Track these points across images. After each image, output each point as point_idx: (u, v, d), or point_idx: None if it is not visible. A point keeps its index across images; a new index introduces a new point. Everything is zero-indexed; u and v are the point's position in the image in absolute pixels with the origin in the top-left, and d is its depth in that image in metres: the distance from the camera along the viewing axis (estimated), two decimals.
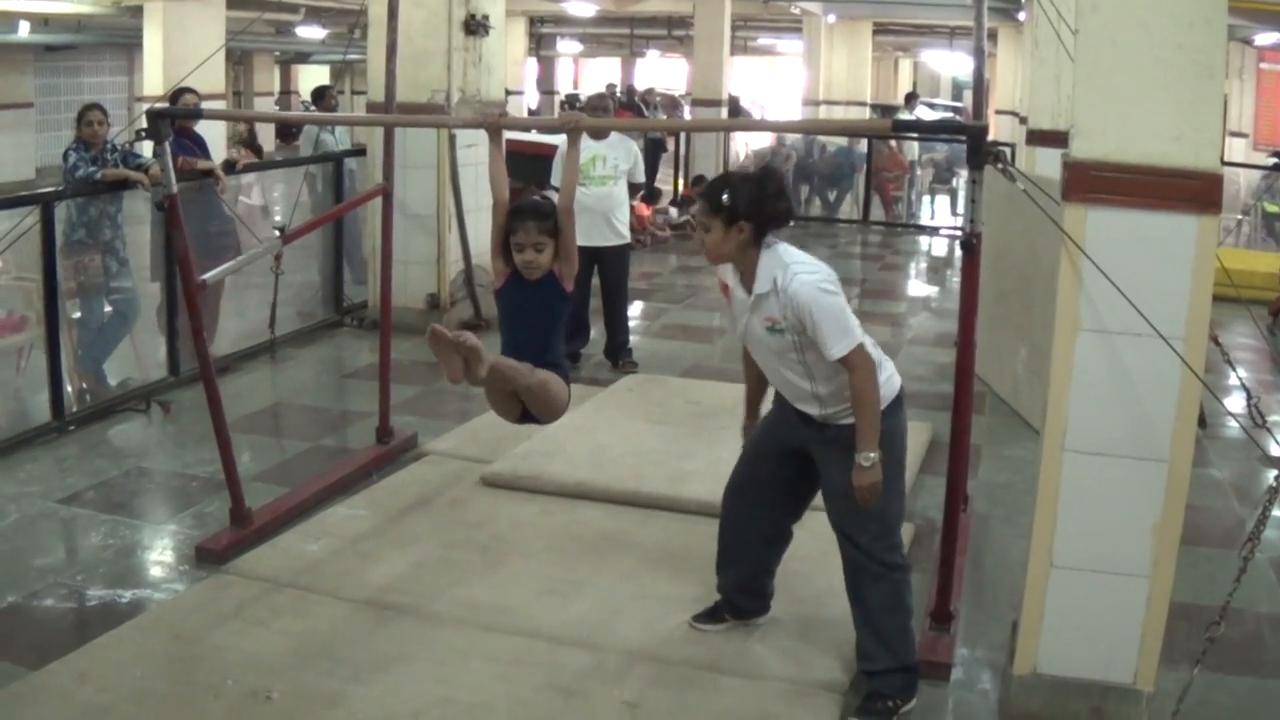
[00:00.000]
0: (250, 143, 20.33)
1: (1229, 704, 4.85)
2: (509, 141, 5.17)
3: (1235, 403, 8.58)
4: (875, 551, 4.70)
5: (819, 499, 4.92)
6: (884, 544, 4.71)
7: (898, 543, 4.80)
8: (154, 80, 15.44)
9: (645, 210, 16.52)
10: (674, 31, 28.81)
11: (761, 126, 26.82)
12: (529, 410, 4.74)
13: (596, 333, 9.99)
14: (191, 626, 5.11)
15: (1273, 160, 17.53)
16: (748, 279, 4.63)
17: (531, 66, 34.06)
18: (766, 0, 23.20)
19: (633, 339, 10.04)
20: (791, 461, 4.87)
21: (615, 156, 9.37)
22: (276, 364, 9.63)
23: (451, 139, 10.39)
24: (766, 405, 5.08)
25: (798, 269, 4.49)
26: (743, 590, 5.21)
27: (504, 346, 4.87)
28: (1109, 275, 4.15)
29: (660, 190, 17.92)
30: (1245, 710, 4.86)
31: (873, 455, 4.47)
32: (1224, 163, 4.48)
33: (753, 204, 4.51)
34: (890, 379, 4.65)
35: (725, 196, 4.53)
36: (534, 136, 13.58)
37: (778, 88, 39.62)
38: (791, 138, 19.98)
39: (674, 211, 17.71)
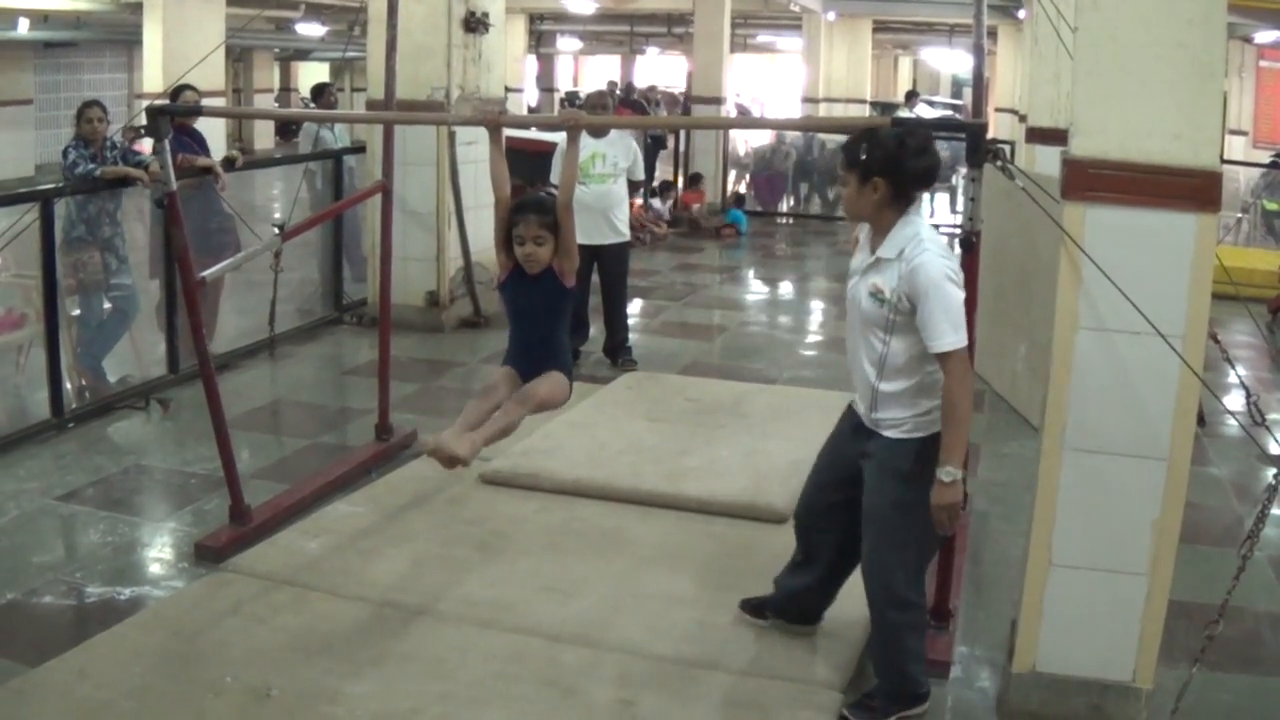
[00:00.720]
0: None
1: (1228, 702, 4.86)
2: (508, 139, 5.19)
3: (1234, 401, 8.58)
4: (893, 584, 4.56)
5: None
6: (904, 576, 4.56)
7: (918, 578, 4.64)
8: (154, 77, 15.45)
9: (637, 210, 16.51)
10: (674, 29, 28.78)
11: (761, 124, 26.71)
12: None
13: (596, 330, 9.99)
14: (191, 624, 5.10)
15: (1271, 159, 17.53)
16: (877, 240, 4.42)
17: (531, 64, 34.04)
18: None
19: (632, 337, 10.04)
20: (851, 485, 4.65)
21: (614, 154, 9.37)
22: (276, 361, 9.63)
23: (451, 136, 10.39)
24: None
25: (930, 246, 4.28)
26: (795, 598, 5.11)
27: (510, 342, 4.97)
28: (1108, 273, 4.15)
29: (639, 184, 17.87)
30: (1244, 708, 4.86)
31: (954, 471, 4.26)
32: (1223, 161, 4.48)
33: (889, 161, 4.29)
34: None
35: (862, 151, 4.34)
36: (534, 134, 13.57)
37: (777, 85, 39.59)
38: (791, 135, 19.97)
39: (657, 203, 17.64)
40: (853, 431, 4.68)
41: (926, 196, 5.07)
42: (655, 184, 18.40)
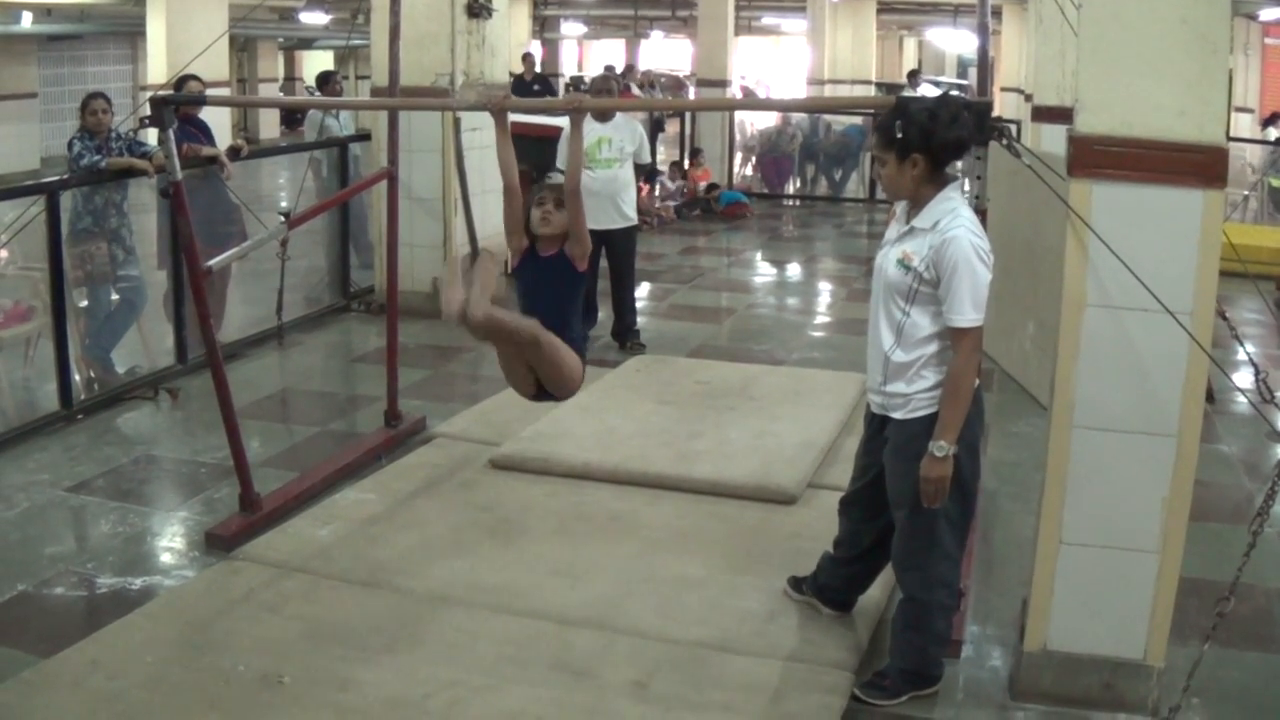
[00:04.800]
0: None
1: (1239, 679, 4.86)
2: (513, 124, 5.17)
3: (1243, 378, 8.56)
4: (925, 564, 4.58)
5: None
6: (937, 556, 4.56)
7: (948, 578, 4.64)
8: (158, 69, 15.40)
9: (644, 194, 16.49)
10: (678, 12, 28.73)
11: (766, 106, 26.67)
12: (543, 385, 4.77)
13: (604, 314, 9.98)
14: (202, 612, 5.11)
15: (1270, 129, 17.49)
16: (913, 212, 4.45)
17: (536, 49, 34.02)
18: None
19: (640, 320, 10.07)
20: (880, 480, 4.71)
21: (620, 139, 9.37)
22: (284, 350, 9.64)
23: (456, 122, 10.36)
24: None
25: (966, 222, 4.31)
26: (832, 580, 5.11)
27: None
28: (1115, 250, 4.14)
29: (660, 171, 17.81)
30: (1255, 685, 4.86)
31: (947, 446, 4.29)
32: (1229, 138, 4.47)
33: (924, 135, 4.29)
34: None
35: (897, 130, 4.33)
36: (539, 119, 13.55)
37: (782, 68, 39.52)
38: (797, 117, 19.94)
39: (669, 182, 17.57)
40: (870, 419, 4.74)
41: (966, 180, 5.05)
42: (665, 165, 18.34)
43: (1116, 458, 4.38)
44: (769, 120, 20.66)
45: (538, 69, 23.22)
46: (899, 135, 4.34)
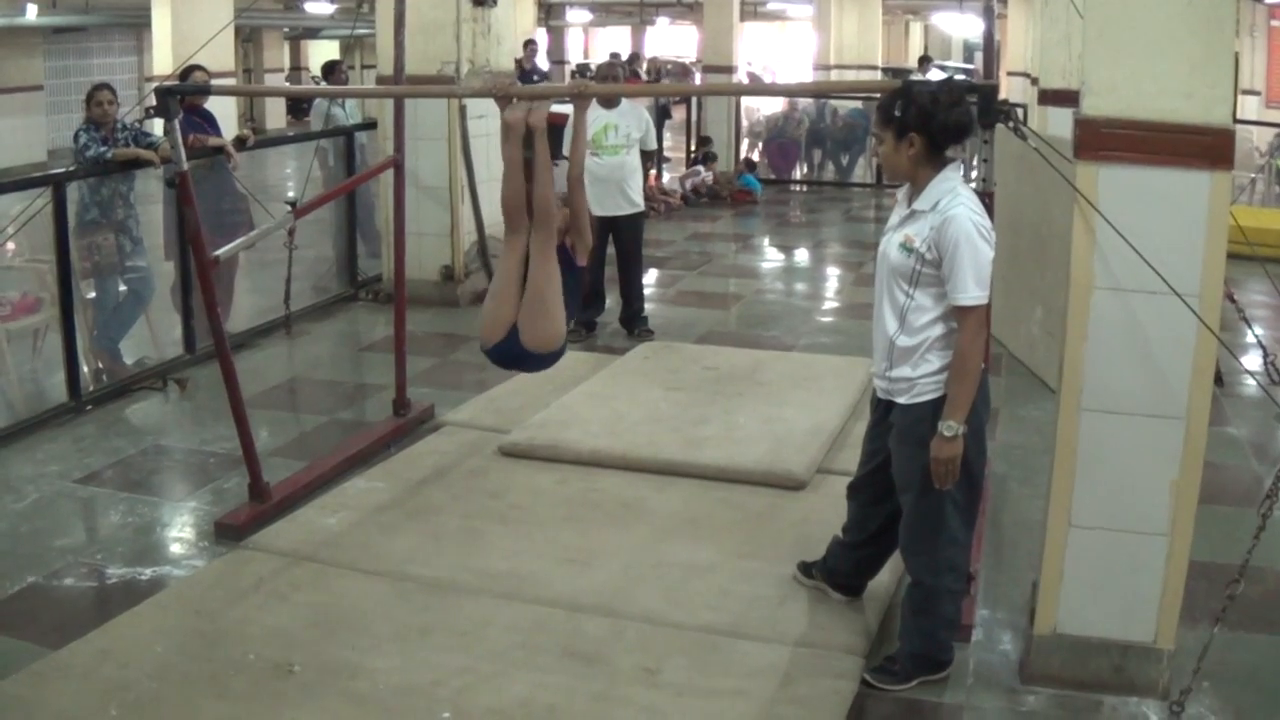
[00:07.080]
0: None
1: (1249, 662, 4.85)
2: None
3: (1252, 360, 8.55)
4: (933, 549, 4.58)
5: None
6: (944, 540, 4.56)
7: (956, 563, 4.65)
8: (163, 60, 15.40)
9: (651, 181, 16.49)
10: None
11: (772, 91, 26.57)
12: (517, 331, 4.71)
13: (611, 301, 10.00)
14: (212, 602, 5.12)
15: None
16: (913, 195, 4.44)
17: (541, 37, 33.98)
18: None
19: (648, 306, 10.05)
20: (887, 465, 4.70)
21: (627, 125, 9.37)
22: (292, 339, 9.64)
23: (462, 110, 10.37)
24: None
25: (966, 201, 4.30)
26: (842, 565, 5.11)
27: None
28: (1122, 233, 4.13)
29: (669, 158, 17.79)
30: (1266, 668, 4.85)
31: (956, 426, 4.28)
32: (1236, 120, 4.45)
33: (923, 116, 4.29)
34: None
35: (896, 108, 4.34)
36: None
37: (788, 53, 39.45)
38: (804, 102, 19.90)
39: (702, 169, 17.58)
40: (875, 405, 4.74)
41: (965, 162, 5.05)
42: (700, 153, 18.32)
43: (1125, 441, 4.38)
44: (775, 106, 20.62)
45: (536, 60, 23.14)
46: (897, 114, 4.34)
